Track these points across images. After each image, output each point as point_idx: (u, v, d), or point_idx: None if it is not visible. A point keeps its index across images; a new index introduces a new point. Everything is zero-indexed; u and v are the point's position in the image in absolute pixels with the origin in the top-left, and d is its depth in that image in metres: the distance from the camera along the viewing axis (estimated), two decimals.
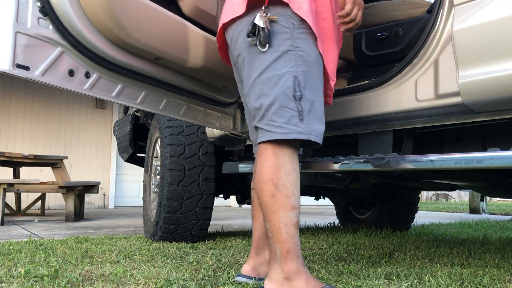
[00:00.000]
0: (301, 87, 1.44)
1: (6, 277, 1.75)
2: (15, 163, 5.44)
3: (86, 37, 1.55)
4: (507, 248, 2.86)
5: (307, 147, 1.70)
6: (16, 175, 5.82)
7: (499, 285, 1.72)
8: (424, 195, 16.06)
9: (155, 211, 3.11)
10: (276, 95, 1.43)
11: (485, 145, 2.01)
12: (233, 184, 3.48)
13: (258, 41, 1.43)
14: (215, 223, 4.58)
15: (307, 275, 1.44)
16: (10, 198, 6.48)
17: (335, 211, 4.67)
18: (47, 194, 7.12)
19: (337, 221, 4.73)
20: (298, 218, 1.44)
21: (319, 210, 8.14)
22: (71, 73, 1.56)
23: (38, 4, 1.43)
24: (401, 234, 3.71)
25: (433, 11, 1.65)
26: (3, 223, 4.44)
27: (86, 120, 8.38)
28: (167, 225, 2.92)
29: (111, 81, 1.70)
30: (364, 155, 1.84)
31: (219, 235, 3.50)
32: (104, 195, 8.35)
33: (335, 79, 1.68)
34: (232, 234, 3.56)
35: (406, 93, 1.74)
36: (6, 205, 5.27)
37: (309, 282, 1.43)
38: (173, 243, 2.96)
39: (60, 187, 4.96)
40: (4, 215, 4.51)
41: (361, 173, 2.58)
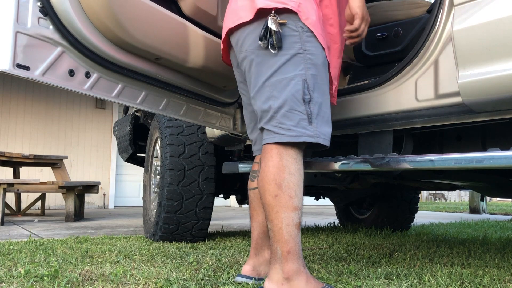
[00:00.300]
0: (310, 90, 1.46)
1: (6, 277, 1.75)
2: (15, 163, 5.44)
3: (86, 37, 1.55)
4: (507, 248, 2.86)
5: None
6: (16, 175, 5.82)
7: (499, 285, 1.72)
8: (424, 195, 16.05)
9: (155, 211, 3.11)
10: (285, 98, 1.44)
11: (485, 145, 2.01)
12: (233, 184, 3.48)
13: (270, 44, 1.44)
14: (215, 223, 4.59)
15: (307, 275, 1.44)
16: (10, 198, 6.48)
17: (335, 211, 4.67)
18: (47, 194, 7.13)
19: (337, 221, 4.73)
20: (300, 219, 1.45)
21: (319, 210, 8.14)
22: (71, 73, 1.56)
23: (38, 4, 1.43)
24: (401, 234, 3.71)
25: (433, 11, 1.65)
26: (3, 223, 4.44)
27: (86, 120, 8.38)
28: (167, 225, 2.92)
29: (111, 81, 1.70)
30: (364, 155, 1.84)
31: (219, 235, 3.50)
32: (104, 195, 8.36)
33: (337, 83, 1.71)
34: (232, 234, 3.56)
35: (406, 93, 1.74)
36: (6, 205, 5.27)
37: (309, 282, 1.43)
38: (173, 243, 2.96)
39: (60, 187, 4.97)
40: (4, 215, 4.51)
41: (361, 173, 2.58)
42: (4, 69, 1.36)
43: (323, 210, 8.15)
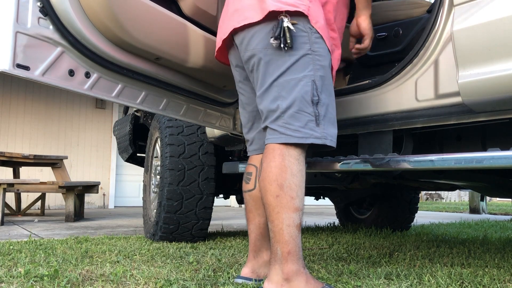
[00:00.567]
0: (319, 92, 1.47)
1: (6, 277, 1.75)
2: (15, 163, 5.44)
3: (86, 37, 1.55)
4: (507, 248, 2.86)
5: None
6: (16, 175, 5.83)
7: (499, 285, 1.72)
8: (425, 195, 16.03)
9: (155, 211, 3.11)
10: (294, 98, 1.45)
11: (485, 145, 2.01)
12: (233, 184, 3.47)
13: (283, 43, 1.43)
14: (215, 223, 4.59)
15: (307, 276, 1.44)
16: (10, 198, 6.48)
17: (335, 211, 4.67)
18: (47, 194, 7.13)
19: (337, 221, 4.73)
20: (301, 220, 1.45)
21: (319, 210, 8.14)
22: (71, 73, 1.56)
23: (38, 4, 1.43)
24: (401, 234, 3.71)
25: (433, 11, 1.65)
26: (3, 223, 4.44)
27: (86, 120, 8.38)
28: (167, 225, 2.92)
29: (111, 81, 1.70)
30: (364, 155, 1.84)
31: (219, 235, 3.50)
32: (104, 195, 8.36)
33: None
34: (232, 234, 3.56)
35: (406, 93, 1.74)
36: (6, 205, 5.27)
37: (309, 282, 1.43)
38: (173, 243, 2.96)
39: (60, 187, 4.97)
40: (4, 215, 4.51)
41: (361, 173, 2.58)
42: (4, 69, 1.36)
43: (323, 210, 8.15)
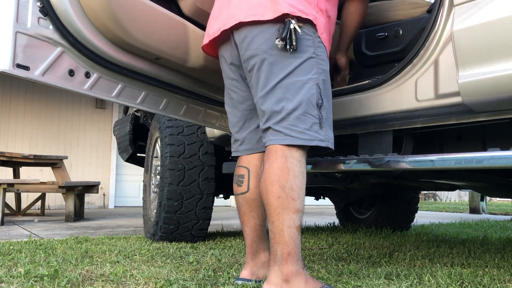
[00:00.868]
0: (322, 95, 1.50)
1: (6, 277, 1.75)
2: (15, 163, 5.44)
3: (86, 37, 1.55)
4: (507, 248, 2.86)
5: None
6: (16, 175, 5.82)
7: (499, 285, 1.72)
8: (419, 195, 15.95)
9: (155, 211, 3.11)
10: (300, 100, 1.46)
11: (485, 145, 2.01)
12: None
13: (289, 45, 1.44)
14: (215, 223, 4.58)
15: (306, 276, 1.44)
16: (10, 198, 6.48)
17: (335, 211, 4.67)
18: (47, 194, 7.13)
19: (337, 221, 4.73)
20: (301, 221, 1.46)
21: (319, 210, 8.15)
22: (71, 73, 1.56)
23: (38, 4, 1.43)
24: (401, 234, 3.71)
25: (433, 11, 1.64)
26: (3, 223, 4.44)
27: (86, 120, 8.38)
28: (167, 225, 2.92)
29: (111, 81, 1.70)
30: (364, 155, 1.84)
31: (219, 235, 3.50)
32: (104, 195, 8.35)
33: None
34: (232, 234, 3.56)
35: (406, 93, 1.74)
36: (6, 205, 5.27)
37: (308, 282, 1.43)
38: (173, 243, 2.96)
39: (60, 187, 4.97)
40: (4, 215, 4.51)
41: (361, 173, 2.58)
42: (4, 69, 1.36)
43: (323, 210, 8.15)
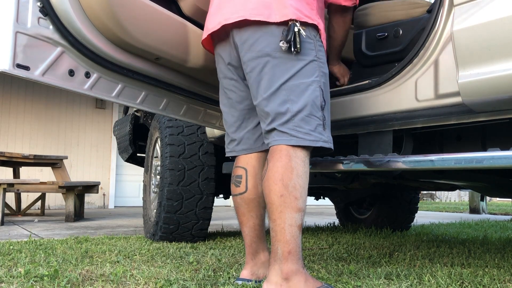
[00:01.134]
0: (325, 97, 1.54)
1: (6, 277, 1.75)
2: (15, 163, 5.44)
3: (86, 37, 1.55)
4: (507, 248, 2.86)
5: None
6: (16, 175, 5.82)
7: (499, 285, 1.72)
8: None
9: (155, 211, 3.11)
10: (305, 102, 1.49)
11: (485, 145, 2.01)
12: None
13: (293, 47, 1.46)
14: (215, 223, 4.58)
15: (306, 275, 1.45)
16: (10, 198, 6.48)
17: (335, 211, 4.67)
18: (47, 194, 7.13)
19: (337, 221, 4.73)
20: (302, 220, 1.46)
21: (319, 210, 8.14)
22: (71, 73, 1.56)
23: (38, 4, 1.43)
24: (401, 234, 3.71)
25: (433, 11, 1.65)
26: (3, 223, 4.44)
27: (86, 120, 8.38)
28: (167, 225, 2.92)
29: (111, 81, 1.70)
30: (364, 155, 1.84)
31: (219, 235, 3.50)
32: (104, 195, 8.35)
33: None
34: (232, 234, 3.56)
35: (406, 93, 1.74)
36: (6, 205, 5.27)
37: (308, 282, 1.43)
38: (173, 243, 2.96)
39: (60, 187, 4.96)
40: (4, 215, 4.51)
41: (361, 173, 2.58)
42: (4, 69, 1.36)
43: (323, 210, 8.15)
